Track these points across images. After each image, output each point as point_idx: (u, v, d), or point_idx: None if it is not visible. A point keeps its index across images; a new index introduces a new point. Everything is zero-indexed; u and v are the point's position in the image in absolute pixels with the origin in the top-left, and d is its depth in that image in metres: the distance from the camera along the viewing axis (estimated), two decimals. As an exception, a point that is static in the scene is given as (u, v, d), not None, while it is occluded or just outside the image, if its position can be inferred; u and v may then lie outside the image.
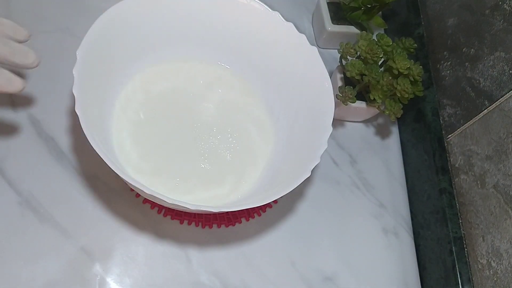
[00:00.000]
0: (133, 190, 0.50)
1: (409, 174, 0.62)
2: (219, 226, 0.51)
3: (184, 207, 0.39)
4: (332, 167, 0.59)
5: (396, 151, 0.63)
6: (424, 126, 0.59)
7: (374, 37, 0.57)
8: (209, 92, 0.54)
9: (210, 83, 0.55)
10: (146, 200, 0.50)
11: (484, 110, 0.52)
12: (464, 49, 0.56)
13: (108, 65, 0.48)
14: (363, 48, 0.55)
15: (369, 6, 0.62)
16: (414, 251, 0.57)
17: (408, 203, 0.60)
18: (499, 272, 0.48)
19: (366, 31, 0.58)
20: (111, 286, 0.46)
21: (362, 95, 0.59)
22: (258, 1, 0.52)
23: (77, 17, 0.58)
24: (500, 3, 0.51)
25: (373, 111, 0.59)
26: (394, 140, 0.64)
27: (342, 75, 0.60)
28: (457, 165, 0.56)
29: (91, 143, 0.39)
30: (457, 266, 0.51)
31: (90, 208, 0.48)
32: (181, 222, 0.50)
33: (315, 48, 0.50)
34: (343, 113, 0.61)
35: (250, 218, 0.53)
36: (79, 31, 0.46)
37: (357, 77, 0.55)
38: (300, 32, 0.51)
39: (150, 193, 0.39)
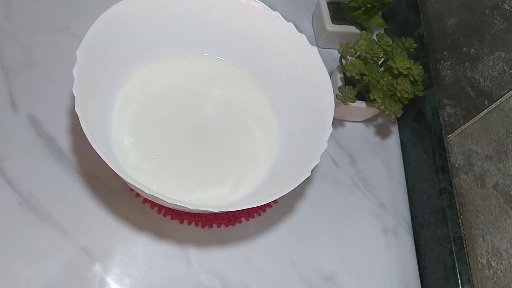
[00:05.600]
0: (133, 190, 0.50)
1: (409, 174, 0.62)
2: (219, 226, 0.51)
3: (184, 207, 0.39)
4: (332, 167, 0.59)
5: (396, 151, 0.63)
6: (424, 126, 0.59)
7: (374, 37, 0.57)
8: (210, 89, 0.54)
9: (211, 79, 0.55)
10: (146, 200, 0.50)
11: (484, 110, 0.52)
12: (464, 49, 0.56)
13: (108, 64, 0.48)
14: (363, 48, 0.55)
15: (369, 6, 0.62)
16: (414, 251, 0.57)
17: (408, 203, 0.60)
18: (499, 272, 0.48)
19: (366, 31, 0.58)
20: (111, 286, 0.46)
21: (362, 95, 0.59)
22: (258, 1, 0.52)
23: (77, 17, 0.58)
24: (500, 3, 0.51)
25: (373, 111, 0.59)
26: (394, 140, 0.64)
27: (342, 75, 0.60)
28: (457, 165, 0.56)
29: (91, 143, 0.39)
30: (457, 266, 0.51)
31: (90, 208, 0.48)
32: (181, 222, 0.50)
33: (315, 48, 0.50)
34: (343, 113, 0.61)
35: (250, 218, 0.53)
36: (79, 31, 0.46)
37: (357, 77, 0.55)
38: (300, 32, 0.51)
39: (150, 193, 0.39)
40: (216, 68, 0.56)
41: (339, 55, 0.57)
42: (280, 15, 0.51)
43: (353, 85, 0.58)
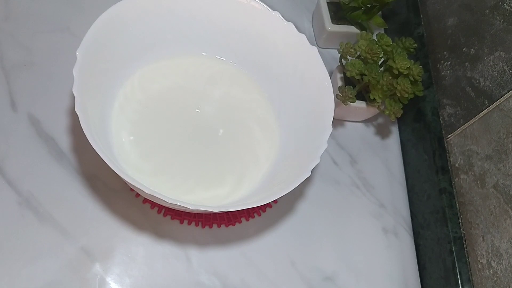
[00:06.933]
0: (133, 190, 0.50)
1: (409, 174, 0.62)
2: (219, 226, 0.51)
3: (184, 207, 0.39)
4: (332, 167, 0.59)
5: (396, 151, 0.63)
6: (424, 126, 0.59)
7: (374, 37, 0.57)
8: (210, 89, 0.54)
9: (211, 79, 0.55)
10: (146, 200, 0.50)
11: (484, 110, 0.52)
12: (464, 49, 0.56)
13: (108, 64, 0.48)
14: (363, 48, 0.55)
15: (369, 6, 0.62)
16: (414, 251, 0.57)
17: (408, 203, 0.60)
18: (499, 272, 0.48)
19: (366, 31, 0.58)
20: (111, 286, 0.46)
21: (362, 95, 0.59)
22: (258, 1, 0.52)
23: (77, 17, 0.58)
24: (500, 3, 0.51)
25: (373, 111, 0.59)
26: (394, 140, 0.64)
27: (342, 75, 0.60)
28: (457, 165, 0.56)
29: (91, 143, 0.39)
30: (457, 266, 0.51)
31: (90, 208, 0.48)
32: (181, 222, 0.50)
33: (315, 48, 0.50)
34: (343, 113, 0.61)
35: (250, 218, 0.53)
36: (79, 31, 0.46)
37: (357, 77, 0.55)
38: (300, 32, 0.51)
39: (150, 193, 0.39)
40: (216, 68, 0.56)
41: (339, 55, 0.57)
42: (280, 15, 0.51)
43: (353, 85, 0.58)
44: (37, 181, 0.48)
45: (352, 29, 0.64)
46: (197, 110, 0.52)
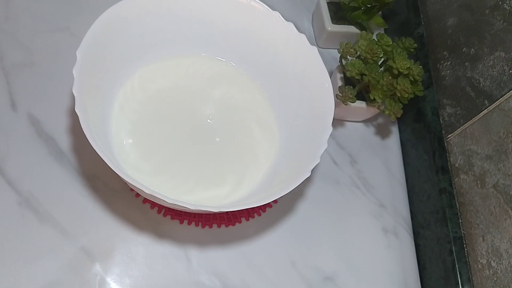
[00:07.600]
0: (133, 190, 0.50)
1: (409, 174, 0.62)
2: (219, 226, 0.51)
3: (184, 207, 0.39)
4: (332, 167, 0.59)
5: (396, 151, 0.63)
6: (424, 126, 0.59)
7: (374, 37, 0.57)
8: (210, 89, 0.54)
9: (211, 79, 0.55)
10: (146, 200, 0.50)
11: (484, 110, 0.52)
12: (464, 49, 0.56)
13: (108, 64, 0.48)
14: (363, 48, 0.55)
15: (369, 6, 0.62)
16: (414, 251, 0.57)
17: (408, 203, 0.60)
18: (499, 272, 0.48)
19: (366, 31, 0.58)
20: (111, 286, 0.46)
21: (362, 95, 0.59)
22: (258, 1, 0.52)
23: (77, 17, 0.58)
24: (500, 3, 0.51)
25: (373, 111, 0.59)
26: (394, 140, 0.64)
27: (342, 75, 0.60)
28: (457, 165, 0.56)
29: (91, 143, 0.39)
30: (457, 266, 0.51)
31: (90, 208, 0.48)
32: (181, 222, 0.50)
33: (315, 48, 0.50)
34: (343, 113, 0.61)
35: (250, 218, 0.53)
36: (79, 31, 0.46)
37: (357, 77, 0.55)
38: (300, 32, 0.51)
39: (150, 193, 0.39)
40: (216, 68, 0.56)
41: (339, 55, 0.57)
42: (280, 15, 0.51)
43: (353, 85, 0.58)
44: (37, 181, 0.48)
45: (352, 29, 0.64)
46: (208, 120, 0.52)
